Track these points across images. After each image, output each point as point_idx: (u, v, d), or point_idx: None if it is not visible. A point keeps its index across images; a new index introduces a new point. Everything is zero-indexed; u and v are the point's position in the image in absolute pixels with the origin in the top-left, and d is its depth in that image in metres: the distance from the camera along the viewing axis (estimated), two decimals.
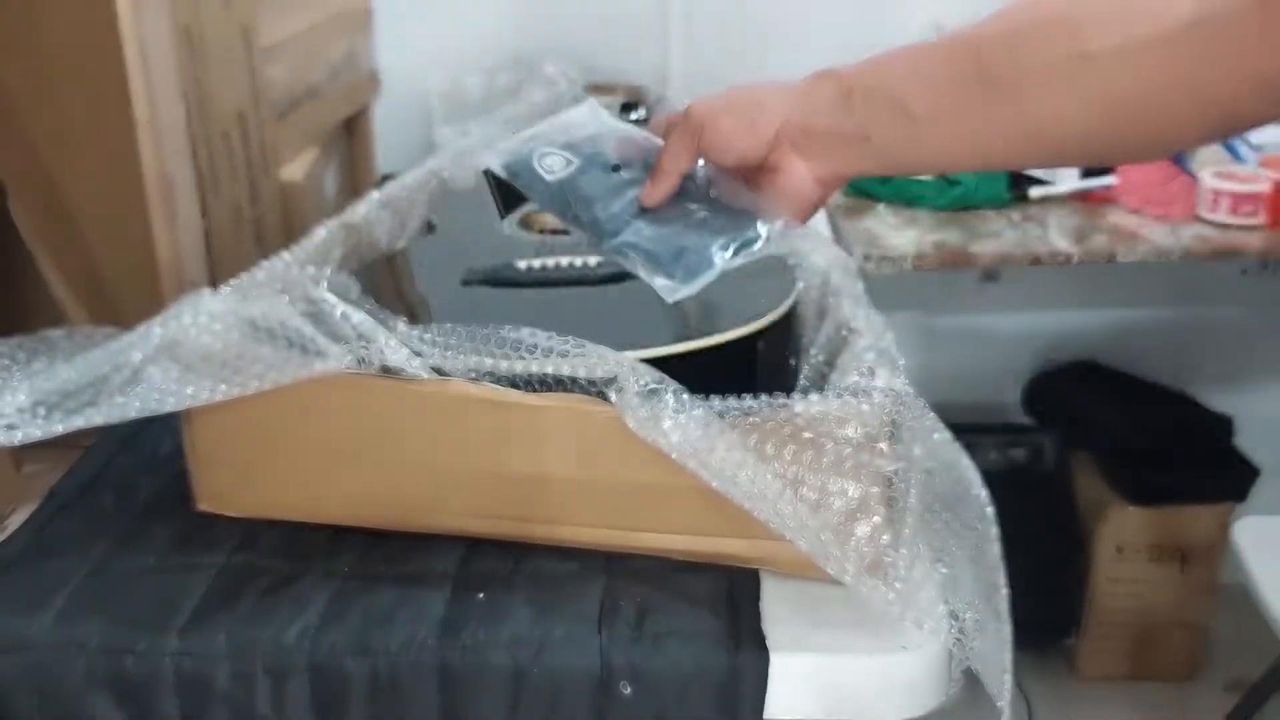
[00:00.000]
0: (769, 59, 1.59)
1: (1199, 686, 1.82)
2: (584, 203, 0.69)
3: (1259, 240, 1.37)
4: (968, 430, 1.76)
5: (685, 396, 0.59)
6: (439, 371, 0.62)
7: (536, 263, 0.79)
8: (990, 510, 0.64)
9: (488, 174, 0.73)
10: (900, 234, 1.40)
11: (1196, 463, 1.74)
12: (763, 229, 0.68)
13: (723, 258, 0.67)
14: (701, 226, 0.69)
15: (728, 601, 0.60)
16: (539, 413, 0.61)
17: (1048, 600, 1.79)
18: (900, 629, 0.58)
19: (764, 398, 0.60)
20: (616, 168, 0.71)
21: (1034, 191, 1.47)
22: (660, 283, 0.66)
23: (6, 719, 0.59)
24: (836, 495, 0.57)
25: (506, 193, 0.73)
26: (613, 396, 0.59)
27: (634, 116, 1.36)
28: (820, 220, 1.33)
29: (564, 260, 0.79)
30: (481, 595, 0.61)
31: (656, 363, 0.61)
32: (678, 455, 0.57)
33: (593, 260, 0.78)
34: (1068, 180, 1.46)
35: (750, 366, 0.68)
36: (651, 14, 1.57)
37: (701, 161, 0.70)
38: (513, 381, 0.62)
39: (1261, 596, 1.34)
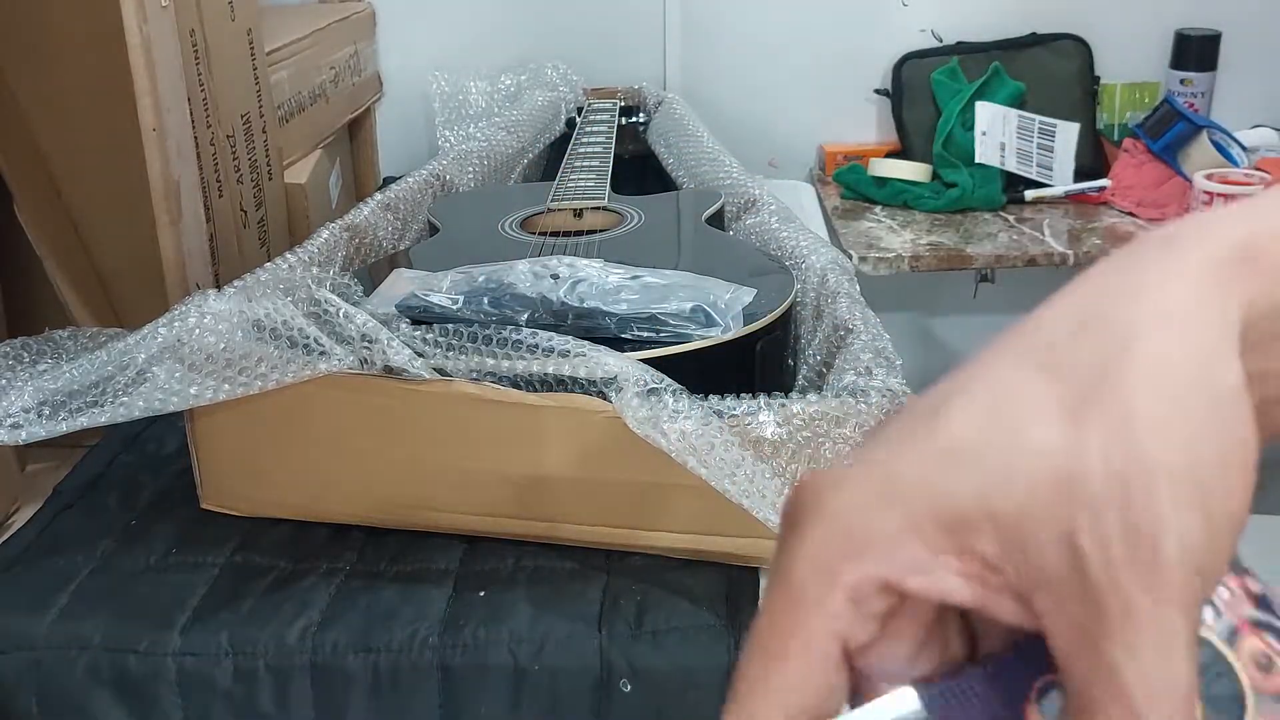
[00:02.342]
0: (767, 63, 1.59)
1: None
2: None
3: None
4: None
5: (684, 396, 0.59)
6: (441, 372, 0.63)
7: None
8: None
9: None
10: (897, 236, 1.41)
11: None
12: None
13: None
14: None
15: (727, 599, 0.61)
16: (539, 413, 0.61)
17: None
18: None
19: (762, 397, 0.60)
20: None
21: (1029, 194, 1.47)
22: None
23: (9, 716, 0.59)
24: None
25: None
26: (612, 396, 0.60)
27: (633, 120, 1.36)
28: (817, 221, 1.33)
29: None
30: (482, 593, 0.61)
31: (656, 363, 0.62)
32: (676, 454, 0.58)
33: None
34: (1062, 182, 1.47)
35: (748, 367, 0.69)
36: (650, 18, 1.57)
37: None
38: (514, 382, 0.62)
39: None
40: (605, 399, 0.60)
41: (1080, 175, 1.48)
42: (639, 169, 1.23)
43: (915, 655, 0.25)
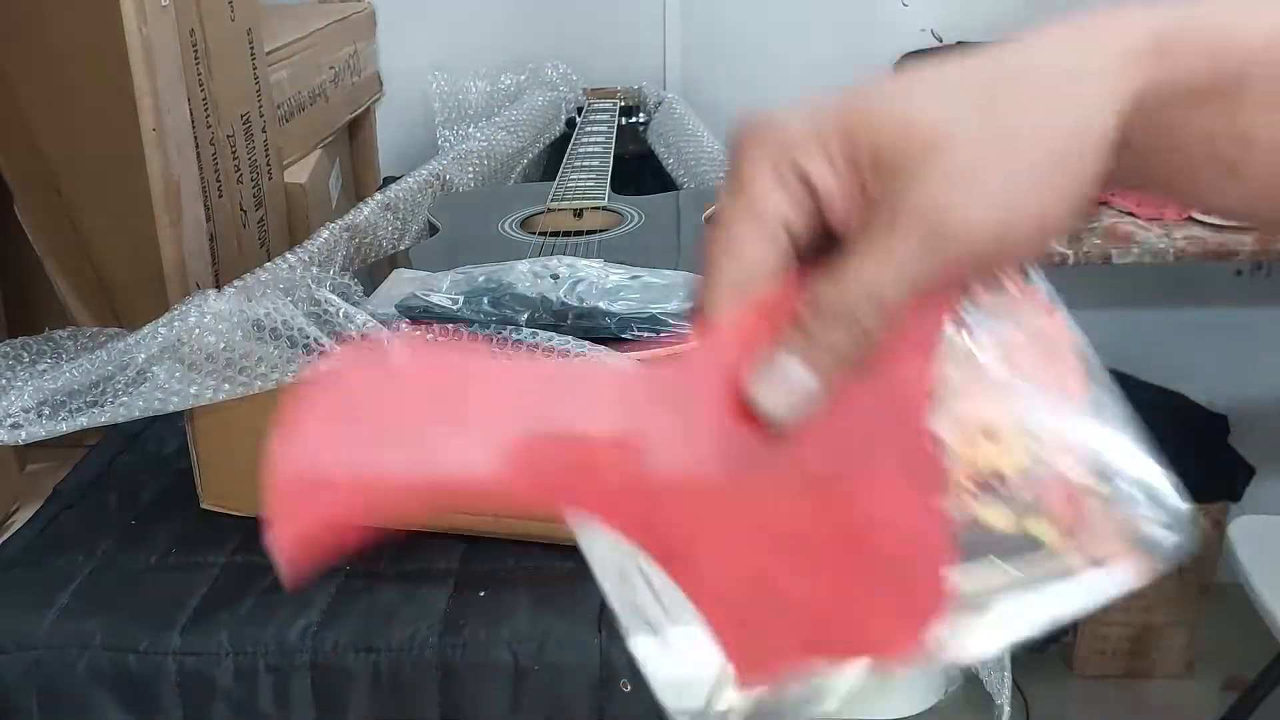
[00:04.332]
0: (767, 64, 1.59)
1: (1195, 685, 1.82)
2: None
3: (1252, 241, 1.38)
4: None
5: None
6: None
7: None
8: None
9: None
10: None
11: (1191, 462, 1.74)
12: None
13: None
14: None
15: None
16: None
17: None
18: None
19: None
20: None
21: None
22: None
23: (9, 716, 0.59)
24: None
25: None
26: None
27: (633, 120, 1.36)
28: None
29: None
30: (482, 593, 0.61)
31: None
32: None
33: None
34: None
35: None
36: (650, 18, 1.57)
37: None
38: None
39: (1257, 595, 1.34)
40: None
41: None
42: (639, 169, 1.23)
43: None
